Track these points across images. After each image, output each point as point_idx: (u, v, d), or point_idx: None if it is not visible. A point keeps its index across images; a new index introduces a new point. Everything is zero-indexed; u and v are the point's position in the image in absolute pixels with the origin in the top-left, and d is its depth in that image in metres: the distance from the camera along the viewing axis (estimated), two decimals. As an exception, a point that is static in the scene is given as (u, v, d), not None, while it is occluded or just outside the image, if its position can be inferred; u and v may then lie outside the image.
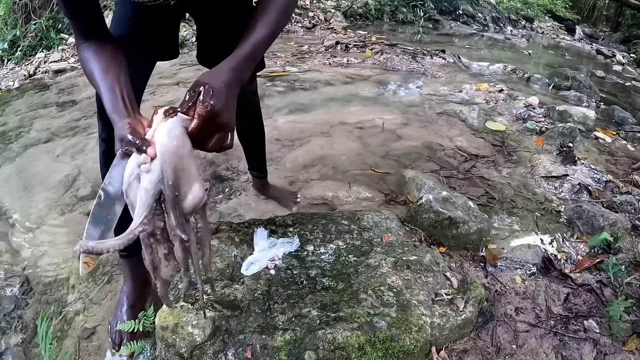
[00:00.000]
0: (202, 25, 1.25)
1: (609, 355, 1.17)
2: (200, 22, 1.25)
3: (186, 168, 0.76)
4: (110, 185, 0.80)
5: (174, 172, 0.74)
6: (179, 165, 0.74)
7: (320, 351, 1.00)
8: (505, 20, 8.89)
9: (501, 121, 2.62)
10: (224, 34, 1.11)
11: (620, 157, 2.37)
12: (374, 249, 1.33)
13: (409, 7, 7.17)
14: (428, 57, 4.21)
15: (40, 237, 1.67)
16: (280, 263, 1.24)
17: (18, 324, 1.33)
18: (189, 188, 0.77)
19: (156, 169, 0.72)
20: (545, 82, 3.71)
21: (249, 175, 1.87)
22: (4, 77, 4.06)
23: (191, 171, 0.77)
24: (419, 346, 1.07)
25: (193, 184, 0.77)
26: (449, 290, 1.20)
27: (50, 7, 4.69)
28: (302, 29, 5.64)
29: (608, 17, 11.49)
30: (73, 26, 0.96)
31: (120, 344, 1.17)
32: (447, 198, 1.57)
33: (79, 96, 3.22)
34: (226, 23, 1.14)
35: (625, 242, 1.57)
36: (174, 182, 0.74)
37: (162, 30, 1.16)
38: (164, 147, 0.72)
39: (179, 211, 0.78)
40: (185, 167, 0.75)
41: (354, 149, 2.21)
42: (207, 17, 1.19)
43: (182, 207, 0.77)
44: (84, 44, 0.94)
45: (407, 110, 2.77)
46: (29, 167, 2.19)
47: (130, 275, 1.28)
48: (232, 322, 1.05)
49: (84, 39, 0.94)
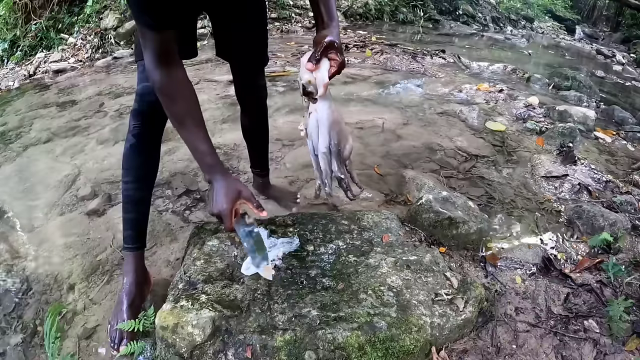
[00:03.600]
0: (221, 25, 1.33)
1: (609, 355, 1.17)
2: (218, 22, 1.33)
3: (343, 129, 1.11)
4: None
5: (338, 135, 1.09)
6: (339, 129, 1.09)
7: (320, 351, 1.00)
8: (505, 20, 8.89)
9: (501, 121, 2.62)
10: (245, 35, 1.31)
11: (620, 157, 2.36)
12: (374, 249, 1.33)
13: (409, 7, 7.17)
14: (428, 57, 4.21)
15: (40, 237, 1.67)
16: (280, 263, 1.24)
17: (18, 324, 1.33)
18: (346, 142, 1.12)
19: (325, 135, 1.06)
20: (545, 82, 3.71)
21: (249, 175, 1.87)
22: (4, 77, 4.06)
23: (344, 129, 1.12)
24: (419, 346, 1.07)
25: (348, 137, 1.13)
26: (449, 290, 1.20)
27: (50, 7, 4.69)
28: (302, 29, 5.64)
29: (608, 17, 11.49)
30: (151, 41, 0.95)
31: (120, 344, 1.17)
32: (447, 198, 1.57)
33: (79, 96, 3.22)
34: (246, 29, 1.30)
35: (625, 242, 1.57)
36: (338, 141, 1.10)
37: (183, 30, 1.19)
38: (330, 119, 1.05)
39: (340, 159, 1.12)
40: (342, 128, 1.11)
41: (354, 148, 2.20)
42: (229, 23, 1.29)
43: (343, 155, 1.13)
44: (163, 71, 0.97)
45: (407, 110, 2.77)
46: (29, 167, 2.19)
47: (132, 270, 1.28)
48: (232, 322, 1.05)
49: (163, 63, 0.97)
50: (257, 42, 1.37)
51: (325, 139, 1.07)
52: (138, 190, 1.28)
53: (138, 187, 1.28)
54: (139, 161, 1.26)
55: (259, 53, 1.40)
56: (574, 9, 11.78)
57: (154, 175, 1.32)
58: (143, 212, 1.32)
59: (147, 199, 1.32)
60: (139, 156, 1.26)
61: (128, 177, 1.27)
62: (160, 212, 1.75)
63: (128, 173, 1.27)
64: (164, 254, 1.53)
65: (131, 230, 1.30)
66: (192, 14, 1.26)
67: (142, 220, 1.32)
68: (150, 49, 0.96)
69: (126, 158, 1.26)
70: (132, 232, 1.30)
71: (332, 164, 1.11)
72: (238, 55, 1.38)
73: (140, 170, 1.27)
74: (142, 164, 1.27)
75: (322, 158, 1.09)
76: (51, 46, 4.56)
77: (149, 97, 1.15)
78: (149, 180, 1.31)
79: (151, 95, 1.09)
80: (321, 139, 1.07)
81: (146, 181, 1.30)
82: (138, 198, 1.29)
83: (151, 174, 1.31)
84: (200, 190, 1.88)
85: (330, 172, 1.12)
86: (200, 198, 1.83)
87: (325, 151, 1.08)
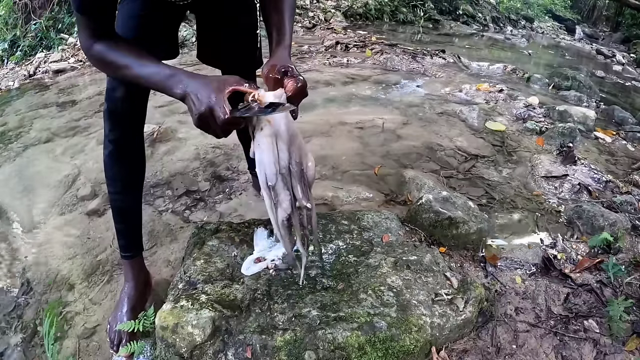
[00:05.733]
0: (206, 27, 1.28)
1: (609, 355, 1.17)
2: (206, 27, 1.28)
3: (302, 143, 0.90)
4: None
5: (299, 150, 0.87)
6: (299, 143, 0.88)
7: (320, 351, 1.00)
8: (505, 20, 8.90)
9: (501, 121, 2.62)
10: (236, 40, 1.23)
11: (620, 157, 2.36)
12: (374, 249, 1.33)
13: (409, 7, 7.17)
14: (428, 57, 4.21)
15: (40, 237, 1.67)
16: (280, 263, 1.24)
17: (18, 324, 1.33)
18: (307, 159, 0.90)
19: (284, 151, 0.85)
20: (545, 82, 3.71)
21: (249, 175, 1.88)
22: (4, 77, 4.06)
23: (304, 144, 0.91)
24: (419, 346, 1.07)
25: (308, 154, 0.92)
26: (449, 290, 1.20)
27: (50, 7, 4.69)
28: (302, 29, 5.64)
29: (608, 17, 11.50)
30: (83, 22, 0.89)
31: (120, 345, 1.17)
32: (447, 198, 1.57)
33: (79, 96, 3.22)
34: (237, 34, 1.23)
35: (625, 242, 1.57)
36: (300, 159, 0.88)
37: (167, 29, 1.17)
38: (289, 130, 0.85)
39: (304, 181, 0.90)
40: (302, 142, 0.90)
41: (354, 149, 2.21)
42: (218, 28, 1.23)
43: (307, 177, 0.90)
44: (96, 43, 0.89)
45: (407, 110, 2.77)
46: (29, 167, 2.19)
47: (132, 277, 1.27)
48: (232, 322, 1.05)
49: (95, 37, 0.89)
50: (248, 47, 1.29)
51: (284, 155, 0.86)
52: (125, 201, 1.21)
53: (124, 198, 1.21)
54: (121, 170, 1.18)
55: (250, 58, 1.32)
56: (574, 9, 11.79)
57: (140, 181, 1.24)
58: (134, 222, 1.26)
59: (136, 208, 1.25)
60: (120, 164, 1.17)
61: (112, 187, 1.19)
62: (160, 212, 1.75)
63: (112, 183, 1.19)
64: (164, 254, 1.53)
65: (124, 240, 1.25)
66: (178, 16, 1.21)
67: (134, 229, 1.27)
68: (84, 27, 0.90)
69: (107, 167, 1.17)
70: (125, 242, 1.26)
71: (295, 188, 0.88)
72: (228, 60, 1.31)
73: (125, 180, 1.19)
74: (126, 173, 1.19)
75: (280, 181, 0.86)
76: (51, 46, 4.56)
77: (114, 93, 1.08)
78: (135, 189, 1.23)
79: (118, 90, 1.05)
80: (281, 156, 0.86)
81: (132, 191, 1.22)
82: (126, 208, 1.23)
83: (137, 181, 1.22)
84: (200, 190, 1.88)
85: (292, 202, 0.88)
86: (200, 198, 1.83)
87: (284, 172, 0.86)
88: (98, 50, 0.90)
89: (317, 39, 5.10)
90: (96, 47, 0.90)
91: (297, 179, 0.88)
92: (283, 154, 0.85)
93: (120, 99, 1.08)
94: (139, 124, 1.17)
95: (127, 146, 1.16)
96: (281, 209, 0.88)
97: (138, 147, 1.20)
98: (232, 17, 1.22)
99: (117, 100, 1.09)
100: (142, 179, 1.25)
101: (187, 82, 0.83)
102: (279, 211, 0.88)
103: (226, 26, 1.23)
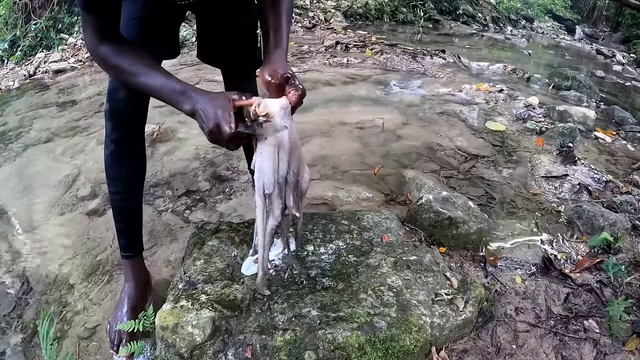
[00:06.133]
0: (206, 26, 1.28)
1: (609, 355, 1.17)
2: (204, 24, 1.28)
3: (302, 155, 0.94)
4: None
5: (298, 161, 0.91)
6: (299, 154, 0.92)
7: (320, 351, 1.00)
8: (505, 20, 8.89)
9: (501, 121, 2.62)
10: (236, 40, 1.25)
11: (620, 157, 2.36)
12: (374, 249, 1.33)
13: (409, 7, 7.17)
14: (428, 57, 4.21)
15: (40, 237, 1.67)
16: (280, 263, 1.24)
17: (18, 324, 1.33)
18: (304, 171, 0.95)
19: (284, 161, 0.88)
20: (545, 82, 3.71)
21: (249, 176, 1.88)
22: (4, 77, 4.06)
23: (303, 155, 0.94)
24: (419, 346, 1.07)
25: (305, 166, 0.96)
26: (449, 290, 1.20)
27: (50, 7, 4.69)
28: (302, 29, 5.64)
29: (608, 17, 11.49)
30: (88, 20, 0.89)
31: (120, 345, 1.17)
32: (447, 198, 1.57)
33: (79, 96, 3.22)
34: (237, 34, 1.24)
35: (625, 242, 1.57)
36: (297, 169, 0.91)
37: (168, 29, 1.18)
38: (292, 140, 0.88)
39: (298, 191, 0.94)
40: (301, 154, 0.94)
41: (354, 149, 2.21)
42: (219, 28, 1.24)
43: (301, 187, 0.94)
44: (102, 44, 0.90)
45: (407, 110, 2.76)
46: (29, 167, 2.19)
47: (132, 277, 1.27)
48: (232, 322, 1.05)
49: (100, 36, 0.90)
50: (248, 47, 1.30)
51: (284, 165, 0.89)
52: (126, 201, 1.22)
53: (125, 198, 1.21)
54: (122, 170, 1.19)
55: (250, 57, 1.33)
56: (574, 9, 11.79)
57: (141, 181, 1.25)
58: (134, 222, 1.26)
59: (137, 208, 1.26)
60: (121, 164, 1.18)
61: (113, 187, 1.20)
62: (160, 212, 1.75)
63: (113, 183, 1.20)
64: (164, 254, 1.53)
65: (125, 240, 1.26)
66: (178, 16, 1.21)
67: (135, 229, 1.27)
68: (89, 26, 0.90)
69: (108, 167, 1.18)
70: (126, 241, 1.26)
71: (287, 197, 0.92)
72: (228, 60, 1.33)
73: (126, 179, 1.20)
74: (127, 173, 1.20)
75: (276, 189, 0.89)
76: (51, 46, 4.56)
77: (117, 94, 1.09)
78: (136, 189, 1.23)
79: (121, 91, 1.05)
80: (281, 166, 0.89)
81: (133, 190, 1.23)
82: (127, 208, 1.23)
83: (137, 181, 1.23)
84: (200, 190, 1.88)
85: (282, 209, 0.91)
86: (200, 198, 1.83)
87: (281, 181, 0.89)
88: (104, 52, 0.91)
89: (317, 38, 5.10)
90: (102, 48, 0.91)
91: (292, 189, 0.91)
92: (283, 164, 0.88)
93: (122, 99, 1.08)
94: (140, 125, 1.18)
95: (129, 146, 1.17)
96: (272, 217, 0.92)
97: (139, 147, 1.21)
98: (232, 17, 1.22)
99: (120, 101, 1.09)
100: (143, 179, 1.26)
101: (196, 98, 0.88)
102: (270, 219, 0.92)
103: (226, 26, 1.24)
